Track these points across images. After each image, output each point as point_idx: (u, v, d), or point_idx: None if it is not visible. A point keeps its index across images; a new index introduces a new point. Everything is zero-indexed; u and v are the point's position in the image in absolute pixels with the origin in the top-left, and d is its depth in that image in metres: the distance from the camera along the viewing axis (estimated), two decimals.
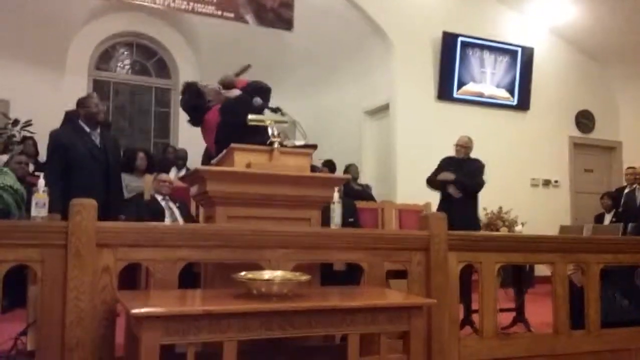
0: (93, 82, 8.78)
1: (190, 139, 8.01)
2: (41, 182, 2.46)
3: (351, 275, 3.52)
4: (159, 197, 5.15)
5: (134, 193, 5.60)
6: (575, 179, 8.48)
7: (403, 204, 6.41)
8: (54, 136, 4.17)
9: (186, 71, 9.21)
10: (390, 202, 6.56)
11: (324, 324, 2.23)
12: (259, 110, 3.19)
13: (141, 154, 5.98)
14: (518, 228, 7.27)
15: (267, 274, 2.41)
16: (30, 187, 4.51)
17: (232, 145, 2.93)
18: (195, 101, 3.71)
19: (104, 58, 8.98)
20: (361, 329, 2.29)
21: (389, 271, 3.09)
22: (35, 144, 6.52)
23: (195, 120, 3.76)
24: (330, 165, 7.10)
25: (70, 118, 5.96)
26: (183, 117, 8.77)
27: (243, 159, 2.92)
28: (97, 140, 4.15)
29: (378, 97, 7.88)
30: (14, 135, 7.52)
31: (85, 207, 2.42)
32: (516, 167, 7.82)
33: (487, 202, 7.29)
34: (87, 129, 4.15)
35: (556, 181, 8.27)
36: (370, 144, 7.95)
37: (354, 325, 2.28)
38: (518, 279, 3.73)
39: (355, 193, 6.77)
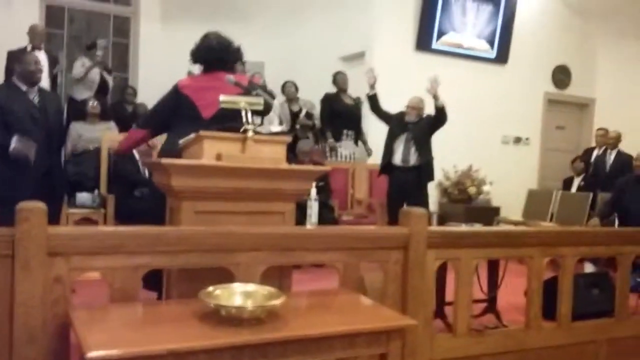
0: (46, 9, 8.08)
1: (150, 76, 7.59)
2: None
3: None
4: (137, 156, 4.86)
5: (91, 145, 5.26)
6: (546, 137, 8.43)
7: (375, 164, 6.22)
8: None
9: None
10: (362, 162, 6.36)
11: (300, 352, 2.07)
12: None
13: (93, 100, 5.58)
14: (486, 188, 7.28)
15: (238, 289, 2.22)
16: None
17: (201, 132, 2.64)
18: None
19: None
20: (338, 354, 2.15)
21: None
22: None
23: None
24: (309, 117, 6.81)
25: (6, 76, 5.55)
26: (143, 49, 8.35)
27: (213, 148, 2.64)
28: (36, 100, 3.78)
29: (354, 44, 7.51)
30: None
31: (34, 212, 2.15)
32: (489, 123, 7.70)
33: (457, 158, 7.22)
34: (24, 88, 3.77)
35: (527, 139, 8.21)
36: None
37: (331, 352, 2.13)
38: (493, 269, 3.64)
39: (344, 108, 6.57)
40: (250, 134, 2.65)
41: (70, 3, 8.35)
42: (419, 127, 5.38)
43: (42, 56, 5.61)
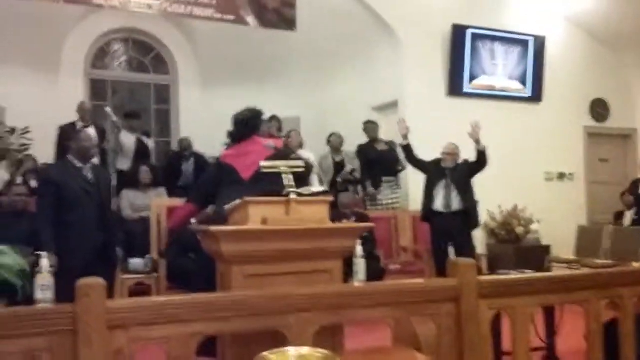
0: (90, 82, 8.51)
1: (191, 138, 7.81)
2: (44, 262, 2.27)
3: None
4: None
5: (141, 212, 5.42)
6: (590, 170, 8.27)
7: (417, 211, 6.19)
8: (45, 173, 3.99)
9: (185, 67, 8.96)
10: (403, 209, 6.35)
11: None
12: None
13: (145, 168, 5.76)
14: (534, 226, 7.12)
15: (292, 354, 2.22)
16: (31, 219, 4.40)
17: (246, 198, 2.71)
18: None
19: (100, 56, 8.69)
20: None
21: None
22: (35, 160, 6.29)
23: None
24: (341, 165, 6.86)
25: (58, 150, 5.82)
26: (184, 113, 8.64)
27: (258, 212, 2.71)
28: (90, 175, 3.96)
29: (386, 94, 7.62)
30: (12, 144, 7.30)
31: (93, 288, 2.23)
32: (530, 161, 7.61)
33: (501, 199, 7.12)
34: (79, 165, 3.96)
35: (571, 174, 8.06)
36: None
37: None
38: (549, 314, 3.55)
39: (378, 155, 6.58)
40: (292, 196, 2.72)
41: (113, 76, 8.77)
42: (458, 172, 5.40)
43: (92, 132, 5.88)
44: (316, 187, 2.92)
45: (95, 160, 4.22)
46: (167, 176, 6.61)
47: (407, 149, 5.61)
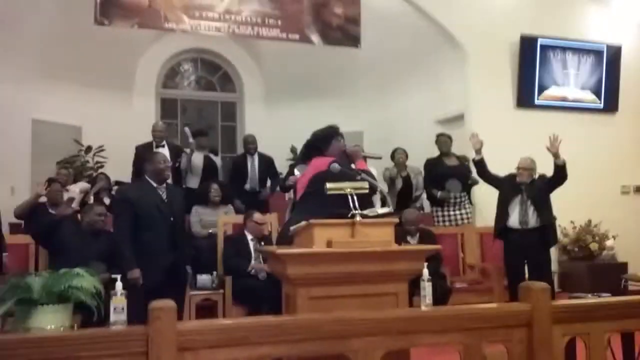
0: (160, 101, 8.84)
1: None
2: (119, 285, 2.35)
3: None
4: (249, 237, 5.08)
5: (209, 229, 5.55)
6: None
7: (484, 227, 6.04)
8: (121, 192, 4.16)
9: (251, 84, 9.16)
10: (470, 225, 6.21)
11: None
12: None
13: (215, 186, 5.90)
14: (609, 242, 6.82)
15: None
16: (108, 238, 4.60)
17: (312, 220, 2.73)
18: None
19: (170, 76, 9.02)
20: None
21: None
22: (108, 178, 6.57)
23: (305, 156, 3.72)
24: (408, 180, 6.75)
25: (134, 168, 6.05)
26: (249, 130, 8.83)
27: (323, 234, 2.72)
28: (164, 195, 4.10)
29: (451, 107, 7.50)
30: (87, 162, 7.67)
31: (164, 310, 2.29)
32: (605, 174, 7.27)
33: (574, 214, 6.86)
34: (154, 184, 4.10)
35: None
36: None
37: None
38: (628, 341, 3.37)
39: (448, 171, 6.41)
40: (358, 218, 2.71)
41: (182, 95, 9.08)
42: (535, 187, 5.21)
43: (165, 151, 6.09)
44: (381, 209, 2.89)
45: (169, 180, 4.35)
46: (233, 178, 6.70)
47: (480, 163, 5.46)
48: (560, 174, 5.13)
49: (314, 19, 6.29)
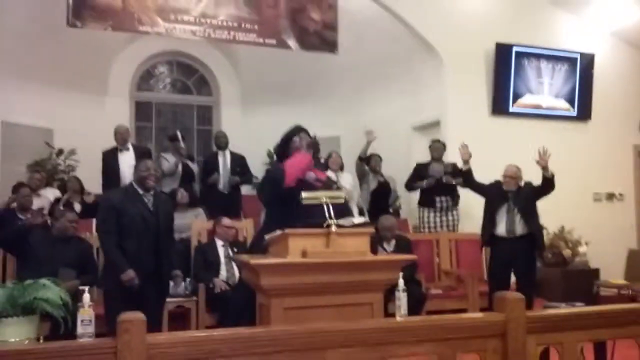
0: (135, 104, 8.70)
1: None
2: (86, 296, 2.28)
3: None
4: (219, 243, 5.02)
5: (180, 233, 5.47)
6: None
7: (460, 234, 6.07)
8: (106, 198, 4.08)
9: (228, 88, 9.08)
10: (444, 231, 6.23)
11: None
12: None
13: (181, 189, 5.85)
14: (582, 249, 6.88)
15: None
16: (78, 244, 4.51)
17: (286, 230, 2.69)
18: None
19: (145, 78, 8.89)
20: None
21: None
22: (79, 180, 6.44)
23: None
24: (386, 186, 6.77)
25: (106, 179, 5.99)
26: (227, 134, 8.73)
27: (298, 244, 2.69)
28: (150, 203, 4.01)
29: (428, 113, 7.54)
30: (58, 165, 7.51)
31: (133, 323, 2.23)
32: (578, 181, 7.36)
33: (547, 220, 6.88)
34: (140, 192, 4.01)
35: (620, 194, 7.77)
36: (420, 160, 7.58)
37: None
38: (600, 350, 3.40)
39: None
40: (333, 228, 2.68)
41: (157, 98, 8.96)
42: (522, 195, 5.21)
43: (129, 154, 6.01)
44: (357, 219, 2.86)
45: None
46: (205, 174, 6.68)
47: (468, 173, 5.44)
48: (548, 186, 5.16)
49: (291, 24, 6.26)
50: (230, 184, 6.60)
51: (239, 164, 6.77)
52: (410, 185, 6.63)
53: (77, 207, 5.92)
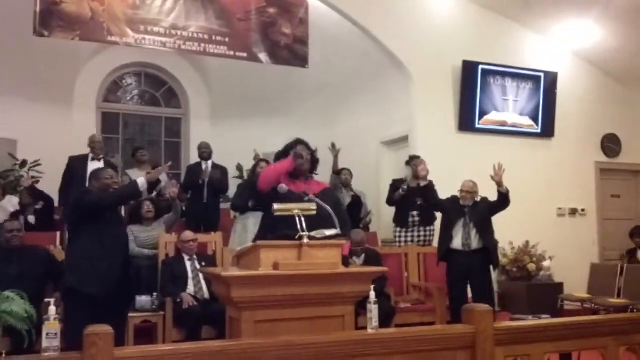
0: (102, 115, 8.58)
1: None
2: (52, 309, 2.22)
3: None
4: (186, 257, 4.95)
5: (145, 247, 5.38)
6: (602, 206, 8.17)
7: (428, 248, 6.13)
8: (79, 198, 3.93)
9: (197, 100, 9.03)
10: (414, 245, 6.28)
11: None
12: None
13: (147, 202, 5.76)
14: (546, 263, 7.03)
15: None
16: (30, 254, 4.36)
17: (258, 242, 2.68)
18: None
19: (112, 90, 8.78)
20: None
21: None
22: (33, 189, 6.27)
23: None
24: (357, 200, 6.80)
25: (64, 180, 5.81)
26: (194, 146, 8.71)
27: (270, 256, 2.67)
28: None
29: (396, 128, 7.63)
30: (22, 176, 7.32)
31: (100, 336, 2.18)
32: (541, 197, 7.53)
33: (512, 235, 7.04)
34: None
35: (583, 210, 7.97)
36: (388, 175, 7.64)
37: None
38: None
39: (407, 192, 6.46)
40: (305, 240, 2.68)
41: (125, 109, 8.84)
42: (477, 210, 5.30)
43: (99, 165, 5.89)
44: (329, 231, 2.87)
45: None
46: (188, 185, 6.71)
47: (426, 189, 5.49)
48: (503, 201, 5.26)
49: (262, 38, 6.27)
50: (214, 182, 6.55)
51: (221, 175, 6.73)
52: (390, 199, 6.64)
53: (32, 219, 5.80)
